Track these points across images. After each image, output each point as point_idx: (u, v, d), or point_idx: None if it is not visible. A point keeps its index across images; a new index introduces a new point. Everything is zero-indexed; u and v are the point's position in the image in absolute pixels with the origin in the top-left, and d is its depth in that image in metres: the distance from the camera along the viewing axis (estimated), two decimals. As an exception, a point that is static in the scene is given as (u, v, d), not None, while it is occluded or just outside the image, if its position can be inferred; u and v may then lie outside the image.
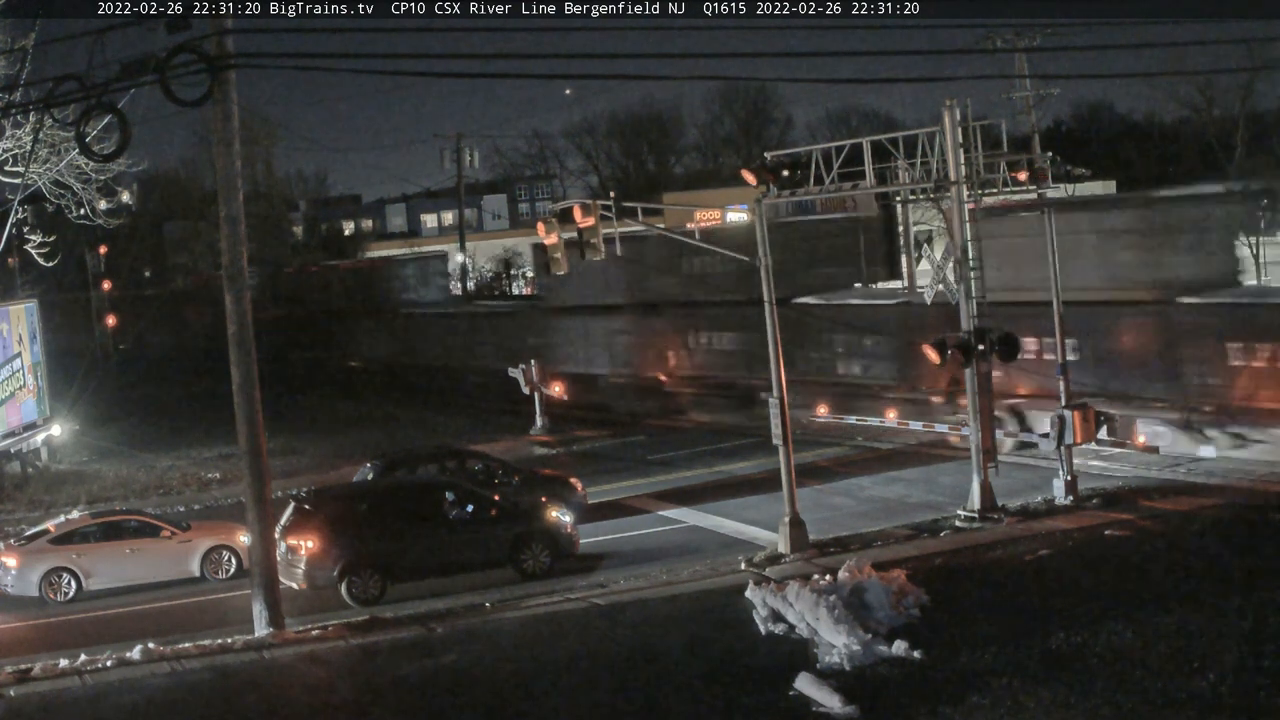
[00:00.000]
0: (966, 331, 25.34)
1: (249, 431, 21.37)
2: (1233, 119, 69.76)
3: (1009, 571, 21.90)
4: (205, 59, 19.56)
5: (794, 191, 26.96)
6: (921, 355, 26.31)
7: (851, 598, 19.33)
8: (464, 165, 75.73)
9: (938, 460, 32.14)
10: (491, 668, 18.83)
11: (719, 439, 38.06)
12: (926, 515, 26.52)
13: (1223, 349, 29.28)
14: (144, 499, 34.96)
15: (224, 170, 21.31)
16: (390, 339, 60.74)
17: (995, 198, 28.15)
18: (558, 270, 26.16)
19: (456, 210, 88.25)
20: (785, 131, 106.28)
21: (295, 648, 20.35)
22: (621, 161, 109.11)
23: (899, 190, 27.60)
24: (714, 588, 22.26)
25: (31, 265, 49.80)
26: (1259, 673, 16.00)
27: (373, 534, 24.15)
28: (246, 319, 21.29)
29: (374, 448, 36.88)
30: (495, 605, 22.34)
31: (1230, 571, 20.53)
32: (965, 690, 16.16)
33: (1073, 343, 29.14)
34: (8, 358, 37.97)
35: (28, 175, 33.49)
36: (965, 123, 25.49)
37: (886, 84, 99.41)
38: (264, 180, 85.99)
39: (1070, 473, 26.38)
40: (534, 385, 41.59)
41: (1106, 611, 18.70)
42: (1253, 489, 26.26)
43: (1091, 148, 77.89)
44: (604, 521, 28.54)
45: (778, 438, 24.54)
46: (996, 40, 62.08)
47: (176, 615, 23.67)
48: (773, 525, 25.10)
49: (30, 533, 27.16)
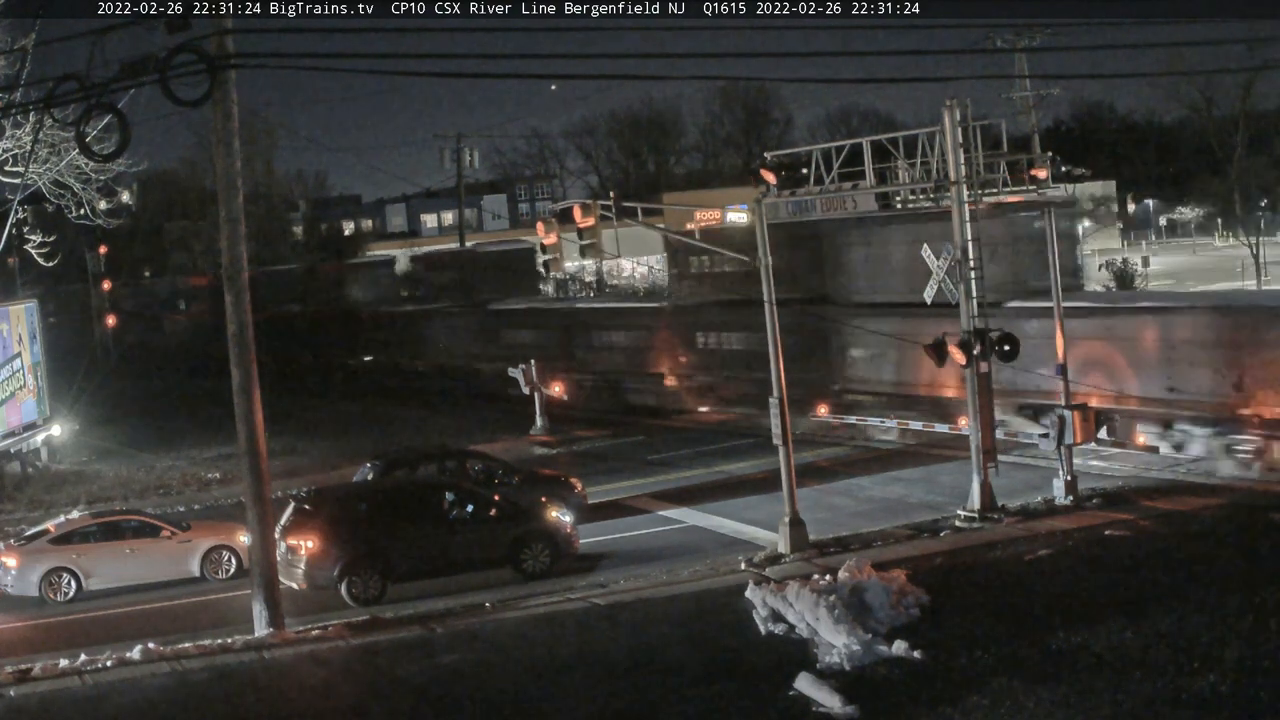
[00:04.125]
0: (966, 331, 25.35)
1: (249, 431, 21.37)
2: (1233, 119, 69.84)
3: (1009, 571, 21.90)
4: (205, 59, 19.56)
5: (794, 191, 26.98)
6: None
7: (851, 598, 19.33)
8: (464, 165, 75.80)
9: (938, 460, 32.13)
10: (492, 668, 18.83)
11: (719, 439, 38.06)
12: (926, 515, 26.52)
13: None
14: (144, 499, 34.96)
15: (224, 170, 21.31)
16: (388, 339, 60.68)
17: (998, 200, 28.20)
18: (557, 270, 26.17)
19: (456, 210, 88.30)
20: (785, 131, 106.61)
21: (295, 648, 20.35)
22: (621, 161, 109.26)
23: (899, 190, 27.59)
24: (714, 588, 22.26)
25: (31, 265, 49.81)
26: (1259, 673, 16.01)
27: (373, 534, 24.14)
28: (246, 319, 21.29)
29: (374, 448, 36.86)
30: (495, 605, 22.34)
31: (1230, 571, 20.52)
32: (965, 690, 16.17)
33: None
34: (8, 358, 37.97)
35: (28, 175, 33.48)
36: (965, 123, 25.48)
37: (886, 84, 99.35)
38: (264, 180, 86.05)
39: (1070, 473, 26.38)
40: (534, 385, 41.57)
41: (1106, 611, 18.71)
42: (1252, 489, 26.27)
43: (1091, 148, 77.95)
44: (604, 521, 28.53)
45: (778, 438, 24.55)
46: (996, 40, 62.18)
47: (176, 615, 23.66)
48: (773, 525, 25.10)
49: (30, 533, 27.15)
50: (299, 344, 61.19)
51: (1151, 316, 30.03)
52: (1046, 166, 27.13)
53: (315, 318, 63.02)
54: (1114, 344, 29.93)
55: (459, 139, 75.72)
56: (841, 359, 36.62)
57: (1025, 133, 62.44)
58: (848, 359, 36.52)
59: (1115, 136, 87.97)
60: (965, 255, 25.46)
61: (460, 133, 76.02)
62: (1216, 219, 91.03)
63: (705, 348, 41.47)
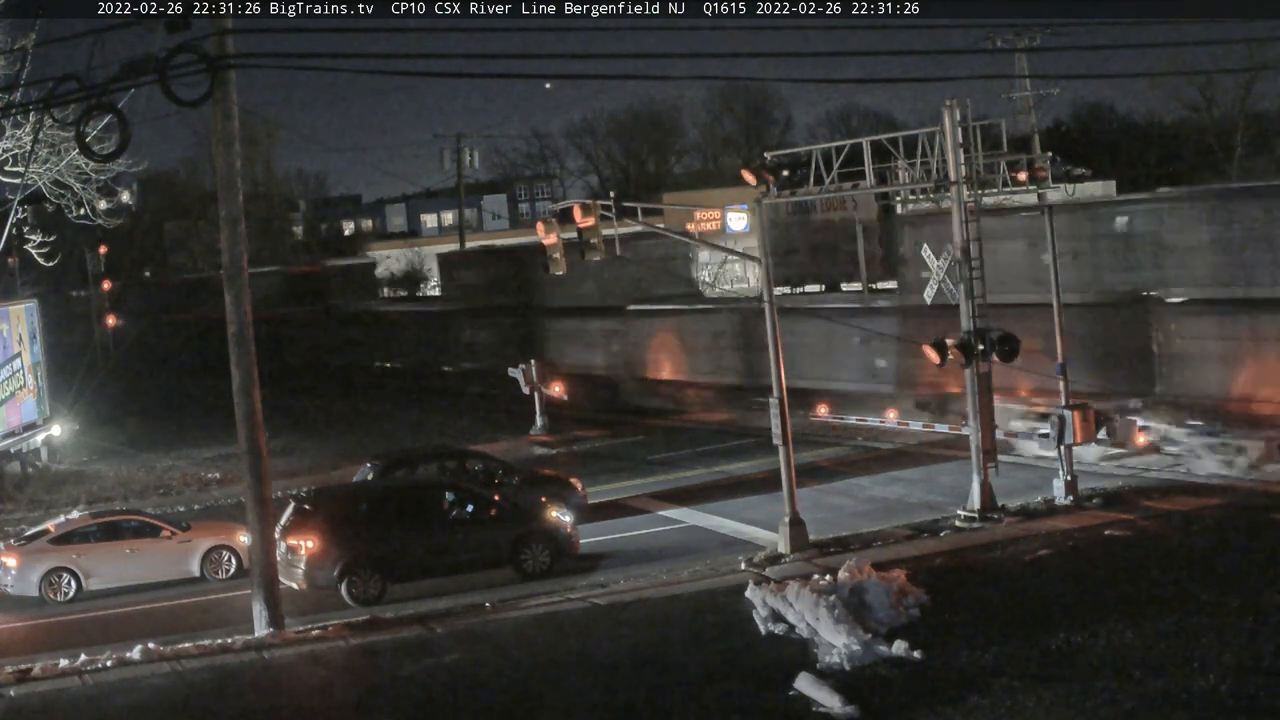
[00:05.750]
0: (966, 331, 25.35)
1: (249, 431, 21.37)
2: (1233, 119, 69.84)
3: (1009, 572, 21.90)
4: (205, 59, 19.56)
5: (794, 191, 26.97)
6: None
7: (851, 598, 19.33)
8: (464, 165, 75.81)
9: (938, 460, 32.13)
10: (492, 668, 18.83)
11: (720, 439, 38.05)
12: (926, 515, 26.52)
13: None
14: (144, 499, 34.95)
15: (224, 170, 21.31)
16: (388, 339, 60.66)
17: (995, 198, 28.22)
18: (557, 270, 26.13)
19: (456, 210, 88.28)
20: (785, 131, 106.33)
21: (295, 648, 20.35)
22: (621, 161, 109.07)
23: (899, 190, 27.60)
24: (714, 588, 22.26)
25: (31, 265, 49.77)
26: (1259, 673, 16.01)
27: (373, 534, 24.14)
28: (246, 319, 21.29)
29: (374, 448, 36.86)
30: (495, 605, 22.34)
31: (1230, 571, 20.53)
32: (965, 690, 16.17)
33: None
34: (8, 358, 37.96)
35: (28, 175, 33.51)
36: (965, 123, 25.49)
37: (886, 84, 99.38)
38: (264, 180, 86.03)
39: (1070, 473, 26.37)
40: (534, 385, 41.55)
41: (1106, 611, 18.71)
42: (1252, 489, 26.26)
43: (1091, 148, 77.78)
44: (604, 521, 28.52)
45: (778, 438, 24.54)
46: (996, 40, 62.17)
47: (176, 615, 23.66)
48: (773, 525, 25.10)
49: (30, 533, 27.15)
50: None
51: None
52: (1046, 166, 27.16)
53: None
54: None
55: (459, 139, 75.79)
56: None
57: (1025, 133, 62.41)
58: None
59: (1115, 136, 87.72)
60: (965, 255, 25.47)
61: (460, 133, 76.14)
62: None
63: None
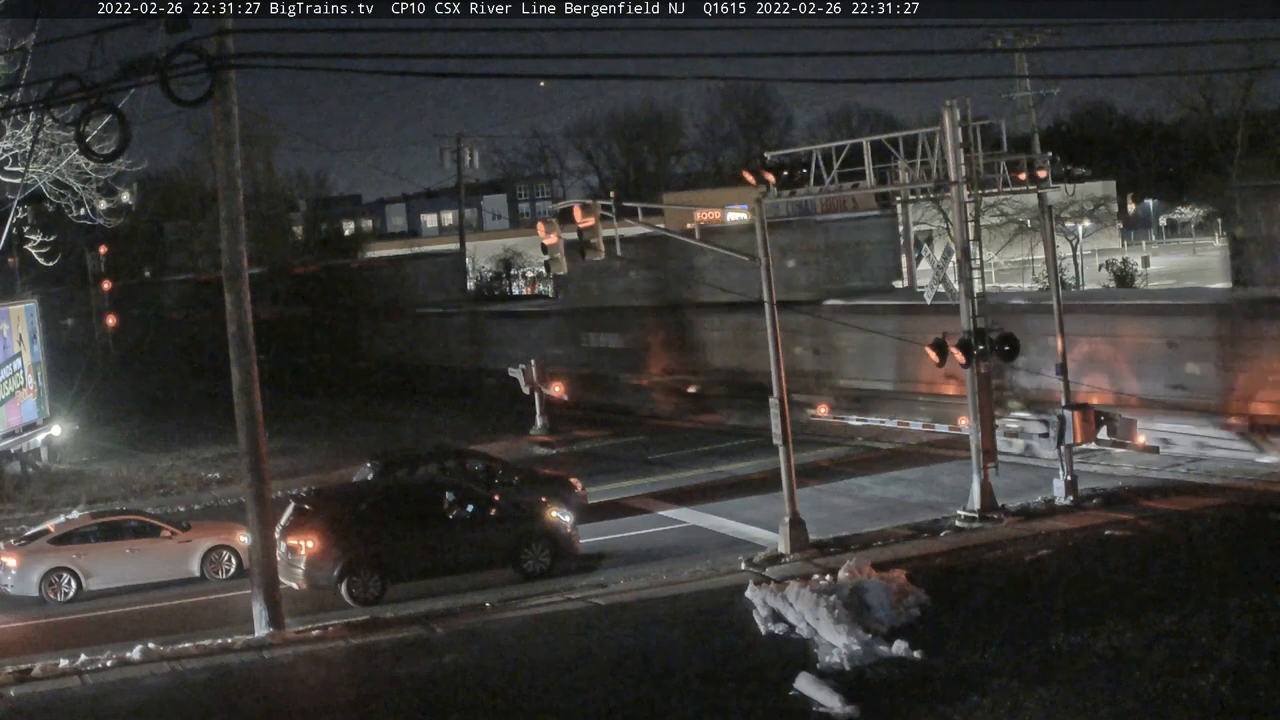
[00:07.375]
0: (966, 331, 25.35)
1: (249, 431, 21.37)
2: (1233, 119, 69.78)
3: (1009, 572, 21.90)
4: (205, 59, 19.55)
5: (794, 191, 26.96)
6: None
7: (851, 598, 19.32)
8: (464, 165, 75.67)
9: (938, 460, 32.13)
10: (492, 668, 18.83)
11: (720, 439, 38.05)
12: (926, 515, 26.51)
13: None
14: (144, 499, 34.94)
15: (224, 170, 21.32)
16: (390, 339, 60.64)
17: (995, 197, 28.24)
18: (558, 270, 26.13)
19: (456, 210, 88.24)
20: (785, 131, 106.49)
21: (295, 648, 20.35)
22: (621, 162, 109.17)
23: (899, 190, 27.60)
24: (714, 588, 22.26)
25: (31, 265, 49.79)
26: (1259, 673, 16.00)
27: (373, 534, 24.14)
28: (246, 319, 21.29)
29: (374, 448, 36.86)
30: (495, 605, 22.34)
31: (1230, 571, 20.52)
32: (965, 690, 16.16)
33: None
34: (8, 358, 37.96)
35: (28, 175, 33.50)
36: (965, 123, 25.49)
37: (886, 84, 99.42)
38: (264, 180, 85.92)
39: (1070, 473, 26.37)
40: (534, 385, 41.55)
41: (1106, 611, 18.70)
42: (1252, 489, 26.26)
43: (1091, 148, 77.86)
44: (604, 521, 28.52)
45: (778, 438, 24.54)
46: (996, 40, 62.23)
47: (176, 615, 23.66)
48: (773, 525, 25.09)
49: (30, 533, 27.14)
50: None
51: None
52: (1046, 166, 27.16)
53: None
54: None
55: (459, 139, 75.59)
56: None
57: (1025, 133, 62.46)
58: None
59: (1115, 136, 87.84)
60: (965, 255, 25.47)
61: (460, 133, 75.93)
62: (1216, 219, 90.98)
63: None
